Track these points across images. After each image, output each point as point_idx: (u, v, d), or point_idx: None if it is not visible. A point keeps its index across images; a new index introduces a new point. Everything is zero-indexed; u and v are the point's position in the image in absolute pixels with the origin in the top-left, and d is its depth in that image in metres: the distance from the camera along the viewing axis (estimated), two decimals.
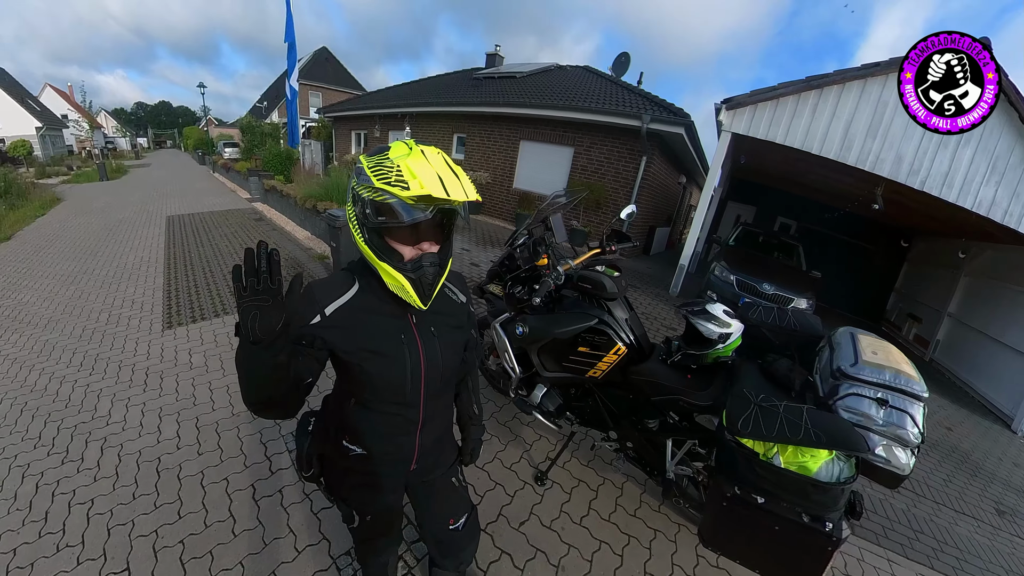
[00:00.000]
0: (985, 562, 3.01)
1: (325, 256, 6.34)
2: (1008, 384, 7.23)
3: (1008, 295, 7.91)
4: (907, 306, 11.50)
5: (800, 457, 1.47)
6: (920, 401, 1.59)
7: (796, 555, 1.56)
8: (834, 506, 1.48)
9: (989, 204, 6.28)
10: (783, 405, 1.56)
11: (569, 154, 9.62)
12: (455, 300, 1.20)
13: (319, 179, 8.87)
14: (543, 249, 2.29)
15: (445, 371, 1.13)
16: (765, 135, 6.55)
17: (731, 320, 2.02)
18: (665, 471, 2.09)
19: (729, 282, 6.21)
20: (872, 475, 1.62)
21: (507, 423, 2.81)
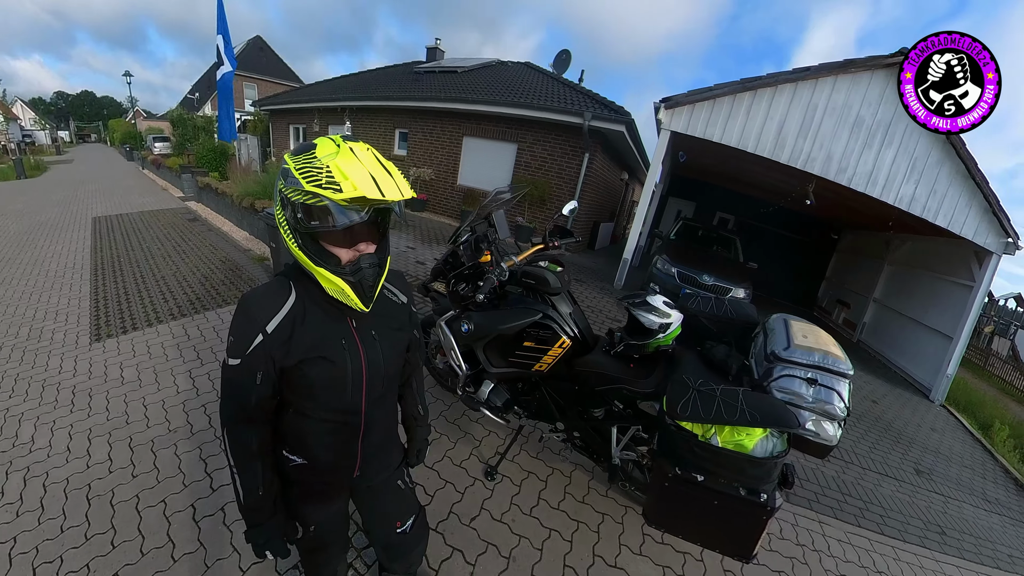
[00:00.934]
0: (906, 516, 3.41)
1: (265, 258, 5.99)
2: (926, 359, 8.23)
3: (926, 280, 8.92)
4: (837, 293, 12.73)
5: (736, 436, 1.57)
6: (846, 378, 1.75)
7: (734, 525, 1.68)
8: (768, 479, 1.60)
9: (909, 199, 6.98)
10: (720, 389, 1.65)
11: (513, 150, 9.65)
12: (395, 301, 1.17)
13: (256, 176, 8.35)
14: (486, 246, 2.28)
15: (387, 374, 1.11)
16: (703, 134, 6.85)
17: (671, 311, 2.11)
18: (611, 457, 2.17)
19: (671, 274, 6.46)
20: (803, 448, 1.77)
21: (456, 421, 2.79)
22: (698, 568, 2.15)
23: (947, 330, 7.82)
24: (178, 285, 4.79)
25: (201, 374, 3.08)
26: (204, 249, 6.33)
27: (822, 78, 6.49)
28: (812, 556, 2.52)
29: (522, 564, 1.96)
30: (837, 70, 6.41)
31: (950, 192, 6.90)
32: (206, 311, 4.14)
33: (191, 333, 3.70)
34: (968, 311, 7.44)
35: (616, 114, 8.12)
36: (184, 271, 5.28)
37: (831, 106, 6.59)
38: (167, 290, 4.63)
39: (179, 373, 3.07)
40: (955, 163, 6.74)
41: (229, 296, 4.54)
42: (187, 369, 3.13)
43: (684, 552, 2.21)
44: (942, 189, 6.88)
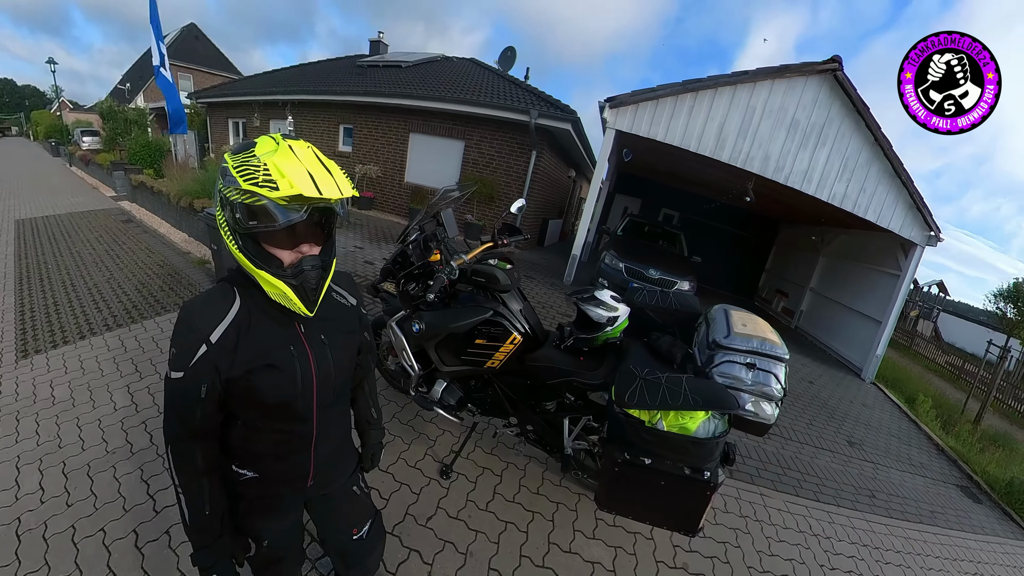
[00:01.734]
0: (840, 483, 3.74)
1: (206, 261, 5.68)
2: (858, 342, 8.98)
3: (858, 270, 9.70)
4: (776, 283, 13.66)
5: (681, 420, 1.67)
6: (782, 362, 1.88)
7: (680, 503, 1.79)
8: (711, 458, 1.70)
9: (842, 196, 7.52)
10: (665, 376, 1.74)
11: (460, 147, 9.64)
12: (344, 303, 1.14)
13: (195, 173, 7.88)
14: (435, 244, 2.27)
15: (338, 379, 1.08)
16: (647, 133, 7.07)
17: (618, 304, 2.20)
18: (564, 448, 2.23)
19: (618, 269, 6.63)
20: (744, 427, 1.89)
21: (410, 422, 2.78)
22: (648, 545, 2.27)
23: (876, 315, 8.53)
24: (112, 293, 4.47)
25: (140, 389, 2.89)
26: (140, 253, 5.92)
27: (760, 82, 6.84)
28: (754, 526, 2.72)
29: (479, 559, 1.98)
30: (774, 75, 6.78)
31: (879, 190, 7.49)
32: (144, 320, 3.89)
33: (128, 345, 3.46)
34: (895, 297, 8.12)
35: (562, 112, 8.25)
36: (119, 278, 4.93)
37: (768, 108, 6.96)
38: (101, 299, 4.31)
39: (116, 389, 2.86)
40: (883, 163, 7.33)
41: (168, 303, 4.27)
42: (125, 384, 2.93)
43: (635, 532, 2.32)
44: (871, 187, 7.46)
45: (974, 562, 3.41)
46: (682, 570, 2.21)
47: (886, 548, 3.07)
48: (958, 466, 5.50)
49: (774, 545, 2.61)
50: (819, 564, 2.62)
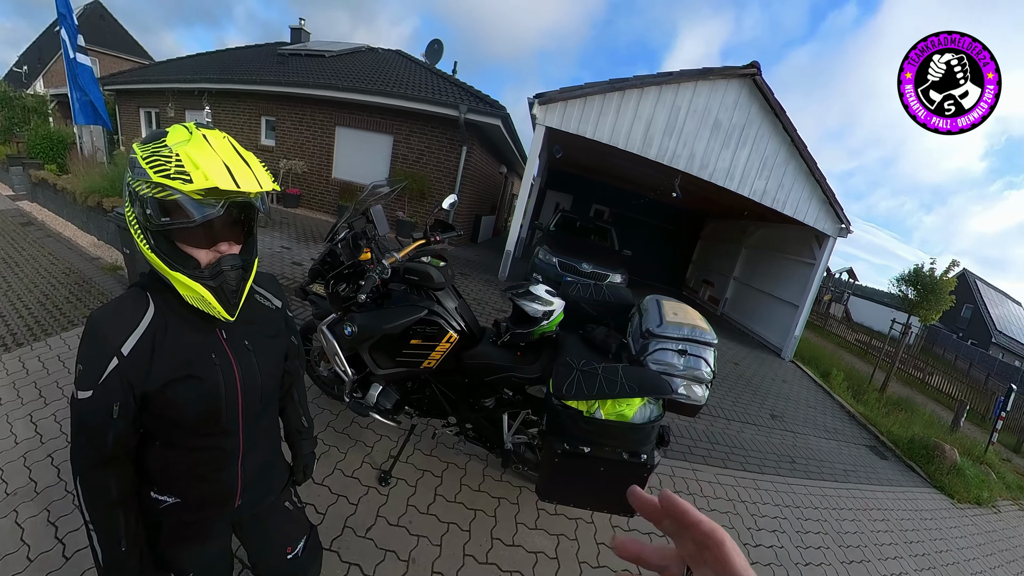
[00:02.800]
0: (764, 453, 4.07)
1: (118, 267, 5.14)
2: (778, 325, 9.83)
3: (777, 260, 10.58)
4: (702, 274, 14.72)
5: (618, 407, 1.74)
6: (711, 347, 2.00)
7: (619, 486, 1.83)
8: (647, 441, 1.79)
9: (761, 192, 8.13)
10: (601, 367, 1.80)
11: (389, 142, 9.46)
12: (268, 306, 1.08)
13: (103, 168, 7.10)
14: (365, 243, 2.21)
15: (265, 387, 1.01)
16: (576, 130, 7.25)
17: (553, 299, 2.24)
18: (504, 443, 2.26)
19: (552, 264, 6.78)
20: (677, 409, 2.00)
21: (345, 430, 2.68)
22: (589, 529, 2.35)
23: (794, 300, 9.36)
24: (11, 307, 3.91)
25: (45, 417, 2.52)
26: (42, 260, 5.25)
27: (684, 83, 7.24)
28: (687, 499, 2.82)
29: (422, 563, 1.95)
30: (697, 77, 7.21)
31: (795, 187, 8.20)
32: (48, 337, 3.43)
33: (30, 366, 3.03)
34: (811, 284, 8.94)
35: (492, 108, 8.29)
36: (18, 288, 4.33)
37: (693, 109, 7.39)
38: None
39: (17, 419, 2.48)
40: (799, 163, 8.03)
41: (76, 317, 3.82)
42: (27, 413, 2.54)
43: (576, 518, 2.39)
44: (788, 184, 8.15)
45: (882, 510, 3.89)
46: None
47: (806, 507, 3.41)
48: (867, 429, 6.19)
49: (706, 514, 2.77)
50: (747, 528, 2.85)
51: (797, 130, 7.69)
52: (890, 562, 3.14)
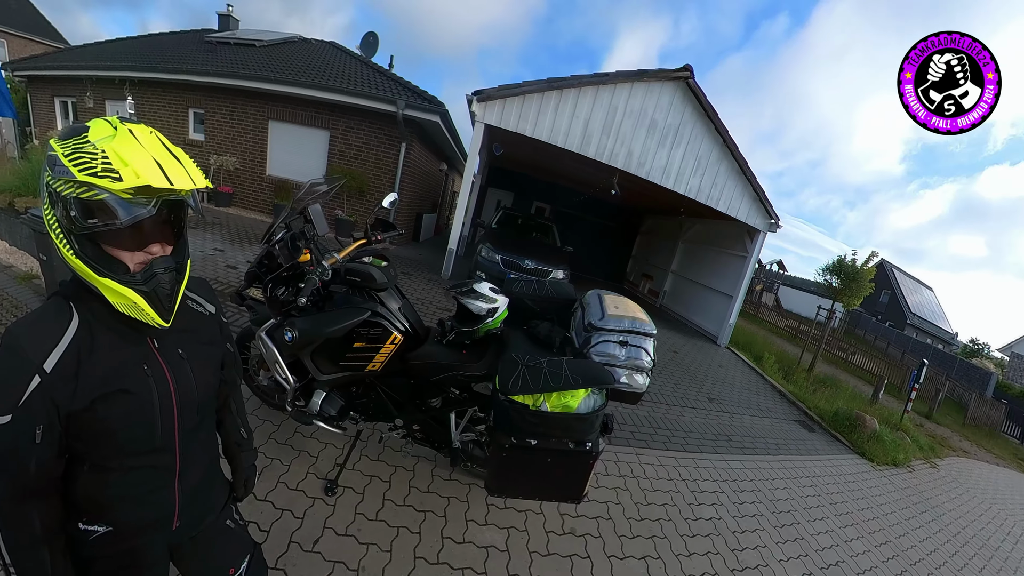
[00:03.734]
0: (702, 434, 4.37)
1: (34, 275, 4.58)
2: (714, 314, 10.49)
3: (712, 254, 11.28)
4: (642, 268, 15.53)
5: (563, 399, 1.80)
6: (651, 337, 2.12)
7: (566, 475, 1.94)
8: (592, 430, 1.87)
9: (696, 190, 8.61)
10: (546, 361, 1.86)
11: (325, 138, 9.19)
12: (202, 312, 1.03)
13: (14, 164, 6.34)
14: (304, 244, 2.13)
15: (201, 399, 0.97)
16: (516, 128, 7.34)
17: (497, 296, 2.28)
18: (451, 442, 2.28)
19: (495, 261, 6.85)
20: (619, 398, 2.10)
21: (288, 441, 2.59)
22: (538, 519, 2.43)
23: (728, 290, 10.04)
24: None
25: None
26: None
27: (620, 84, 7.54)
28: (632, 482, 3.07)
29: (372, 571, 1.93)
30: (633, 78, 7.53)
31: (728, 185, 8.77)
32: None
33: None
34: (744, 275, 9.62)
35: (430, 104, 8.25)
36: None
37: (629, 109, 7.71)
38: None
39: None
40: (731, 162, 8.60)
41: None
42: None
43: (525, 510, 2.46)
44: (722, 182, 8.70)
45: (810, 477, 4.32)
46: (570, 535, 2.41)
47: (742, 480, 3.71)
48: (796, 406, 6.77)
49: (649, 495, 2.98)
50: (687, 503, 3.06)
51: (729, 131, 8.23)
52: (818, 522, 3.49)
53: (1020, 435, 14.48)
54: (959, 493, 6.01)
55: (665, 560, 2.46)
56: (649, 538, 2.58)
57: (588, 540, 2.41)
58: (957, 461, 7.91)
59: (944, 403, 13.11)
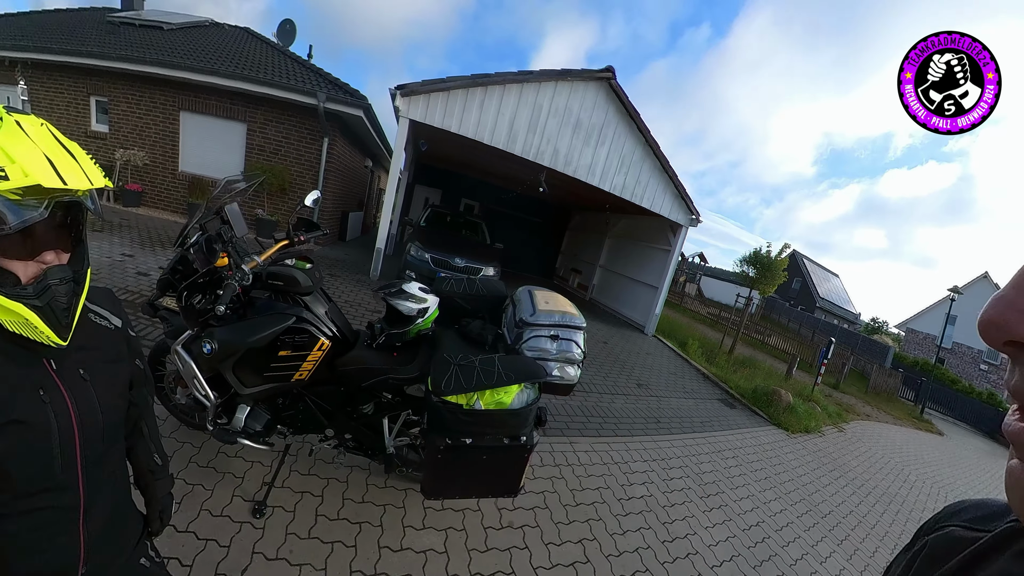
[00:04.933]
0: (632, 418, 4.66)
1: None
2: (640, 305, 11.15)
3: (638, 248, 11.96)
4: (571, 263, 16.28)
5: (497, 396, 1.85)
6: (581, 330, 2.22)
7: (502, 470, 2.00)
8: (526, 424, 1.93)
9: (621, 187, 9.07)
10: (479, 359, 1.91)
11: (242, 131, 8.69)
12: (106, 326, 0.93)
13: None
14: (222, 247, 1.98)
15: (108, 424, 0.87)
16: (441, 124, 7.35)
17: (427, 295, 2.29)
18: (385, 448, 2.26)
19: (425, 260, 6.88)
20: (552, 390, 2.19)
21: (210, 463, 2.43)
22: (476, 517, 2.48)
23: (654, 282, 10.75)
24: None
25: None
26: None
27: (545, 83, 7.77)
28: (567, 470, 3.23)
29: None
30: (557, 77, 7.80)
31: (651, 182, 9.35)
32: None
33: None
34: (668, 268, 10.32)
35: (353, 97, 8.09)
36: None
37: (554, 108, 7.98)
38: None
39: None
40: (653, 161, 9.16)
41: None
42: None
43: (462, 509, 2.50)
44: (645, 180, 9.26)
45: (733, 449, 4.78)
46: (508, 528, 2.49)
47: (671, 457, 4.03)
48: (719, 386, 7.43)
49: (584, 481, 3.16)
50: (620, 484, 3.28)
51: (651, 131, 8.78)
52: (740, 489, 3.90)
53: (914, 398, 17.09)
54: (863, 451, 6.99)
55: (600, 541, 2.61)
56: (585, 522, 2.73)
57: (526, 531, 2.50)
58: (861, 424, 9.18)
59: (849, 375, 15.22)
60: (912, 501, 5.39)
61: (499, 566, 2.23)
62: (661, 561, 2.61)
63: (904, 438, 9.74)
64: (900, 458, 7.54)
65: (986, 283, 24.29)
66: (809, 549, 3.36)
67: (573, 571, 2.33)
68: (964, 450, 11.63)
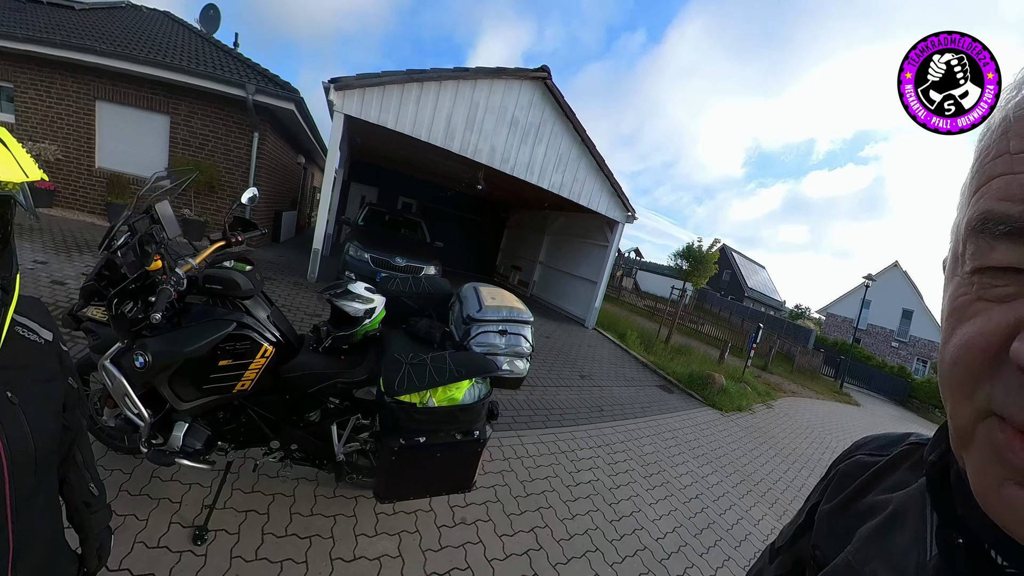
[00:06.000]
0: (577, 408, 4.91)
1: None
2: (580, 300, 11.65)
3: (575, 244, 12.43)
4: (511, 260, 16.69)
5: (449, 392, 1.92)
6: (528, 324, 2.32)
7: (455, 466, 2.07)
8: (479, 419, 2.02)
9: (559, 185, 9.37)
10: (430, 357, 1.95)
11: (165, 124, 8.13)
12: (35, 341, 0.84)
13: None
14: (153, 249, 1.85)
15: (40, 452, 0.77)
16: (377, 120, 7.26)
17: (373, 295, 2.28)
18: (335, 456, 2.23)
19: (364, 260, 6.81)
20: (502, 384, 2.27)
21: (144, 489, 2.26)
22: (429, 517, 2.53)
23: (593, 277, 11.27)
24: None
25: None
26: None
27: (481, 80, 7.87)
28: (516, 463, 3.37)
29: None
30: (492, 75, 7.92)
31: (588, 180, 9.74)
32: None
33: None
34: (606, 263, 10.82)
35: (284, 90, 7.82)
36: None
37: (491, 105, 8.11)
38: None
39: None
40: (590, 160, 9.55)
41: None
42: None
43: (414, 511, 2.53)
44: (582, 178, 9.64)
45: (672, 430, 5.18)
46: (462, 524, 2.56)
47: (614, 443, 4.31)
48: (657, 373, 7.95)
49: (533, 471, 3.31)
50: (568, 472, 3.47)
51: (586, 131, 9.14)
52: (679, 466, 4.25)
53: (834, 375, 19.41)
54: (790, 424, 7.82)
55: (552, 527, 2.76)
56: (536, 510, 2.87)
57: (479, 526, 2.58)
58: (788, 401, 10.23)
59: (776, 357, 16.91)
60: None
61: (454, 563, 2.27)
62: (610, 539, 2.81)
63: (826, 410, 10.98)
64: (822, 428, 8.54)
65: (896, 271, 28.10)
66: (744, 514, 3.75)
67: (527, 559, 2.43)
68: (878, 417, 13.37)
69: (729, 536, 3.32)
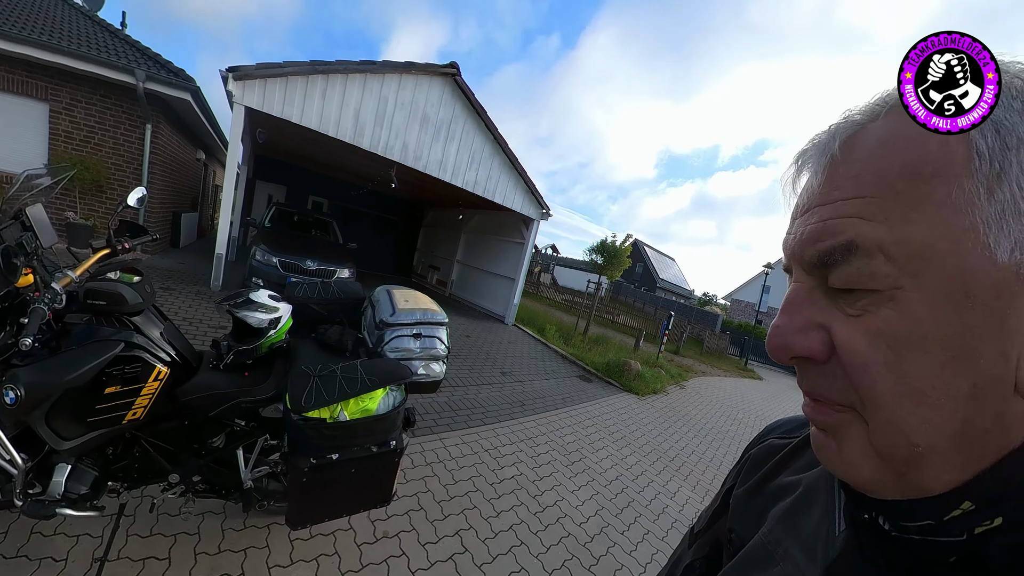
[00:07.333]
0: (499, 405, 5.05)
1: None
2: (499, 297, 11.97)
3: (492, 242, 12.66)
4: (428, 260, 16.69)
5: (362, 404, 1.85)
6: (443, 325, 2.32)
7: (373, 480, 2.00)
8: (394, 428, 1.97)
9: (473, 183, 9.46)
10: (339, 367, 1.88)
11: (44, 112, 7.14)
12: None
13: None
14: (24, 260, 1.60)
15: None
16: (280, 113, 6.90)
17: (278, 304, 2.16)
18: (242, 483, 2.08)
19: (272, 265, 6.47)
20: (419, 389, 2.26)
21: (21, 549, 1.96)
22: (349, 535, 2.45)
23: (511, 274, 11.60)
24: None
25: None
26: None
27: (389, 74, 7.74)
28: (439, 467, 3.41)
29: None
30: (401, 70, 7.80)
31: (502, 178, 9.95)
32: None
33: None
34: (523, 260, 11.17)
35: (178, 78, 7.19)
36: None
37: (400, 101, 8.00)
38: None
39: None
40: (503, 158, 9.75)
41: None
42: None
43: (332, 532, 2.43)
44: (496, 176, 9.83)
45: (592, 418, 5.55)
46: (384, 539, 2.50)
47: (537, 436, 4.54)
48: (576, 364, 8.43)
49: (456, 474, 3.38)
50: (491, 469, 3.60)
51: (500, 130, 9.32)
52: (600, 451, 4.58)
53: (739, 353, 21.95)
54: (701, 402, 8.71)
55: (476, 527, 2.82)
56: (460, 513, 2.92)
57: (402, 537, 2.54)
58: (699, 380, 11.37)
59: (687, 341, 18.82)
60: (742, 435, 7.04)
61: None
62: (534, 531, 2.96)
63: (733, 386, 12.35)
64: (731, 403, 9.60)
65: None
66: (661, 489, 4.15)
67: (452, 564, 2.45)
68: (779, 388, 15.38)
69: (648, 511, 3.66)
